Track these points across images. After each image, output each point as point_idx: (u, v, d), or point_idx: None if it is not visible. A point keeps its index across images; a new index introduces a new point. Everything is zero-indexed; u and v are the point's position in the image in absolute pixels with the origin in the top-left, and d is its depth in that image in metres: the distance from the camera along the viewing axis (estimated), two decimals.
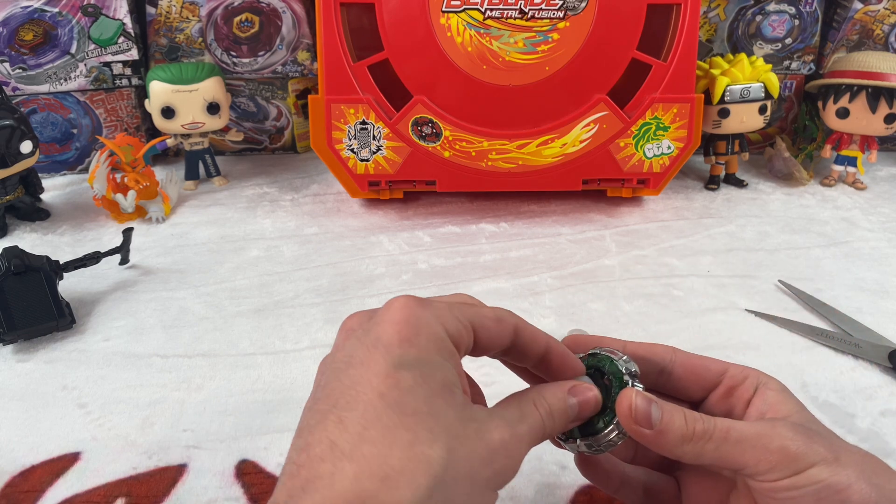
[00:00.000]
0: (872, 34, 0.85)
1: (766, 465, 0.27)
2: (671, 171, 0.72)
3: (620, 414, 0.29)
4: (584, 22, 0.65)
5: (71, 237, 0.70)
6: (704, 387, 0.32)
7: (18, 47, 0.79)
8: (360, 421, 0.24)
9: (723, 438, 0.28)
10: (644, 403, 0.28)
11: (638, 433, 0.29)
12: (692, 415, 0.28)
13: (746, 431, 0.28)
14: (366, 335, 0.27)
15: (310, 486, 0.23)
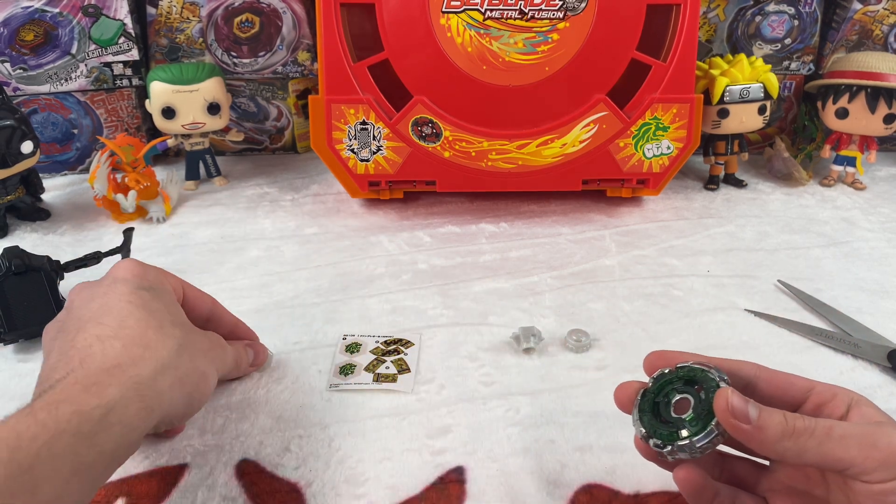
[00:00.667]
0: (872, 34, 0.85)
1: (874, 462, 0.26)
2: (671, 171, 0.72)
3: (718, 410, 0.29)
4: (583, 22, 0.65)
5: (72, 237, 0.70)
6: (791, 402, 0.32)
7: (19, 47, 0.79)
8: (117, 318, 0.35)
9: (825, 435, 0.27)
10: (741, 399, 0.29)
11: (737, 429, 0.28)
12: (792, 414, 0.28)
13: (851, 429, 0.28)
14: (100, 284, 0.38)
15: (86, 361, 0.33)
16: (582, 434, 0.44)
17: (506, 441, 0.43)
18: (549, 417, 0.45)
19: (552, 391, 0.47)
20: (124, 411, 0.32)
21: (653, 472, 0.41)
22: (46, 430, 0.29)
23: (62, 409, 0.30)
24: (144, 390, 0.33)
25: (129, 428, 0.32)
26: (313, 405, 0.46)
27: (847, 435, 0.27)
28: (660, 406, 0.33)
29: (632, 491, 0.40)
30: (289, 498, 0.39)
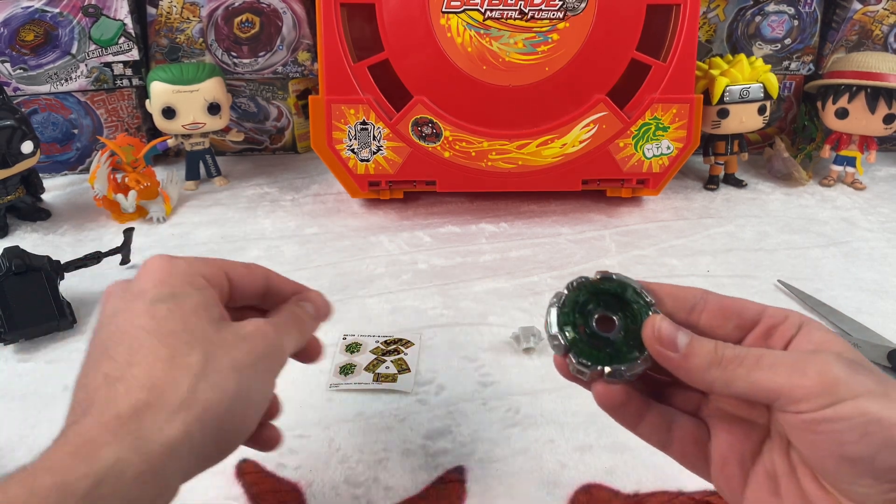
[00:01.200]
0: (871, 34, 0.85)
1: (803, 391, 0.24)
2: (670, 171, 0.72)
3: (645, 337, 0.28)
4: (583, 22, 0.65)
5: (72, 237, 0.70)
6: (740, 326, 0.29)
7: (19, 48, 0.79)
8: (127, 351, 0.28)
9: (755, 363, 0.26)
10: (670, 326, 0.28)
11: (663, 357, 0.28)
12: (723, 343, 0.27)
13: (782, 358, 0.26)
14: (125, 292, 0.31)
15: (89, 409, 0.27)
16: (581, 434, 0.44)
17: (506, 441, 0.43)
18: (549, 417, 0.45)
19: (552, 391, 0.47)
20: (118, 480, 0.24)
21: (653, 472, 0.41)
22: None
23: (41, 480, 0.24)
24: (148, 447, 0.25)
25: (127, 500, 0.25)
26: (313, 405, 0.46)
27: (777, 363, 0.26)
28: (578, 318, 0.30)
29: (631, 491, 0.40)
30: (289, 498, 0.39)
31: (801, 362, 0.25)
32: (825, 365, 0.25)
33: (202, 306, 0.29)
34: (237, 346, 0.29)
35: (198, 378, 0.27)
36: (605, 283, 0.31)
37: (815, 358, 0.25)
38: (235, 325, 0.30)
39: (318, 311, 0.36)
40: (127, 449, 0.25)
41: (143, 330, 0.28)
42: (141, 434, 0.26)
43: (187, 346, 0.28)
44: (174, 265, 0.31)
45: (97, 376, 0.28)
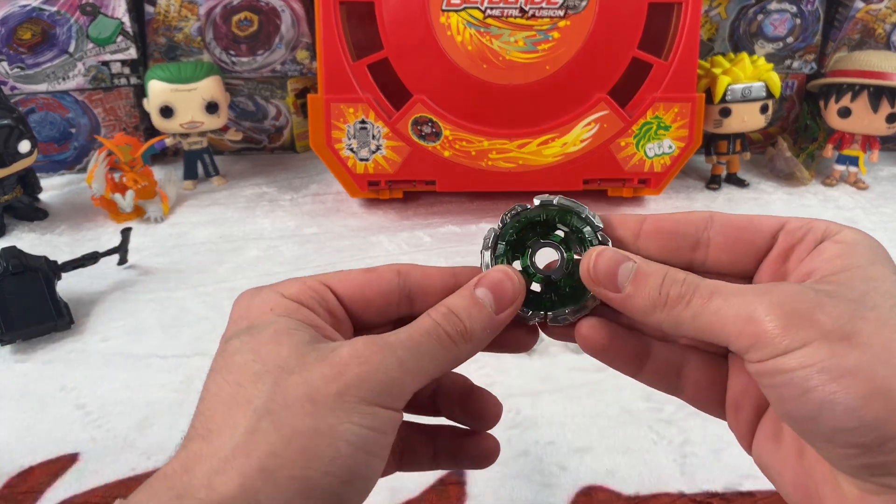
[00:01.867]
0: (874, 33, 0.84)
1: (747, 339, 0.20)
2: (672, 170, 0.72)
3: (583, 274, 0.24)
4: (584, 21, 0.65)
5: (69, 237, 0.70)
6: (753, 254, 0.24)
7: (17, 46, 0.79)
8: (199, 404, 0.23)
9: (702, 305, 0.22)
10: (608, 261, 0.23)
11: (604, 297, 0.24)
12: (674, 275, 0.23)
13: (733, 296, 0.21)
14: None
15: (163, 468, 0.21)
16: (582, 435, 0.43)
17: (506, 443, 0.43)
18: (550, 419, 0.45)
19: (552, 392, 0.47)
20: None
21: (653, 474, 0.40)
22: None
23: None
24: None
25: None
26: None
27: (724, 306, 0.21)
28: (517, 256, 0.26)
29: (632, 493, 0.39)
30: None
31: (749, 303, 0.21)
32: (774, 305, 0.20)
33: (284, 331, 0.22)
34: (318, 373, 0.21)
35: (259, 414, 0.20)
36: (546, 212, 0.26)
37: (769, 297, 0.21)
38: (326, 349, 0.22)
39: (501, 302, 0.24)
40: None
41: (212, 373, 0.23)
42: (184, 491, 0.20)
43: (255, 376, 0.21)
44: (255, 295, 0.25)
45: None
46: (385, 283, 0.25)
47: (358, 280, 0.25)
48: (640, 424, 0.44)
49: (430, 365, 0.23)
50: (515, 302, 0.24)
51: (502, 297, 0.24)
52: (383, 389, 0.21)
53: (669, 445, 0.43)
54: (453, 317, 0.23)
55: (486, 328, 0.24)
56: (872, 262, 0.22)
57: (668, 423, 0.44)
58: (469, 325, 0.23)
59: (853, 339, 0.19)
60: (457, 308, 0.24)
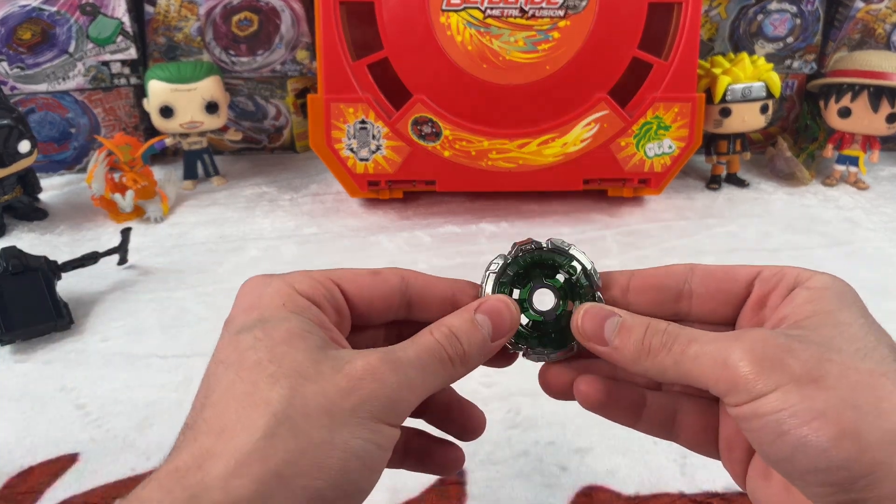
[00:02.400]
0: (874, 33, 0.84)
1: (726, 384, 0.22)
2: (672, 170, 0.72)
3: (573, 329, 0.26)
4: (584, 20, 0.65)
5: (69, 237, 0.70)
6: (733, 301, 0.26)
7: (16, 46, 0.79)
8: (205, 393, 0.23)
9: (681, 353, 0.23)
10: (593, 321, 0.25)
11: (593, 350, 0.25)
12: (656, 326, 0.24)
13: (709, 345, 0.23)
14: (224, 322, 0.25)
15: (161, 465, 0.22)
16: (582, 436, 0.43)
17: (506, 443, 0.43)
18: (550, 419, 0.45)
19: None
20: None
21: (654, 474, 0.40)
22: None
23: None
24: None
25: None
26: None
27: (702, 353, 0.23)
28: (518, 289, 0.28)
29: (632, 493, 0.39)
30: None
31: (724, 350, 0.22)
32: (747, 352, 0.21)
33: (298, 332, 0.23)
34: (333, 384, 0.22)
35: (278, 420, 0.21)
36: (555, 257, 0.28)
37: (741, 343, 0.22)
38: (341, 355, 0.23)
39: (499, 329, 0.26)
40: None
41: (222, 365, 0.23)
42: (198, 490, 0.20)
43: (270, 378, 0.22)
44: (267, 285, 0.25)
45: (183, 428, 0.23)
46: (388, 286, 0.26)
47: (364, 281, 0.26)
48: None
49: (431, 383, 0.24)
50: (509, 333, 0.26)
51: (499, 326, 0.26)
52: (392, 407, 0.22)
53: (669, 446, 0.42)
54: (454, 339, 0.25)
55: (481, 353, 0.25)
56: (840, 307, 0.23)
57: None
58: (468, 349, 0.25)
59: (821, 382, 0.20)
60: (458, 330, 0.25)
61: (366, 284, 0.26)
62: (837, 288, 0.24)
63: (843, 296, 0.24)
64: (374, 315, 0.26)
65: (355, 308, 0.26)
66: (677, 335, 0.24)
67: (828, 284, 0.24)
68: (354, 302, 0.26)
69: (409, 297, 0.27)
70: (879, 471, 0.19)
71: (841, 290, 0.24)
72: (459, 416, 0.29)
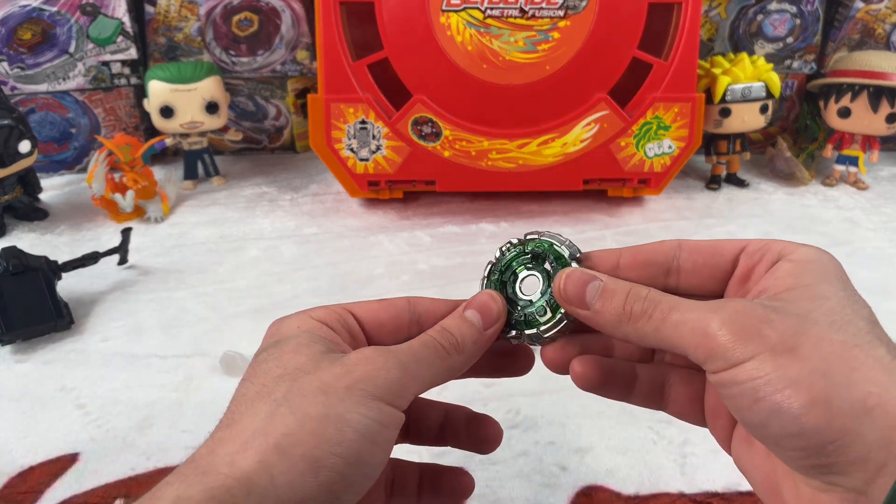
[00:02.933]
0: (874, 33, 0.84)
1: (705, 352, 0.22)
2: (672, 170, 0.72)
3: (555, 295, 0.26)
4: (584, 21, 0.65)
5: (69, 237, 0.70)
6: (719, 275, 0.26)
7: (17, 46, 0.79)
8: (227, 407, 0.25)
9: (661, 320, 0.24)
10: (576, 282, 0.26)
11: (576, 314, 0.26)
12: (637, 292, 0.25)
13: (689, 312, 0.23)
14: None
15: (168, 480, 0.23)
16: (582, 435, 0.43)
17: (506, 443, 0.43)
18: (550, 419, 0.45)
19: (552, 392, 0.47)
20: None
21: (653, 474, 0.40)
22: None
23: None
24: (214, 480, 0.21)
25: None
26: None
27: (682, 321, 0.23)
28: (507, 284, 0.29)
29: (632, 493, 0.39)
30: None
31: (704, 318, 0.23)
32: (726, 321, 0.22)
33: (305, 343, 0.26)
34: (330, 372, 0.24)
35: (278, 403, 0.23)
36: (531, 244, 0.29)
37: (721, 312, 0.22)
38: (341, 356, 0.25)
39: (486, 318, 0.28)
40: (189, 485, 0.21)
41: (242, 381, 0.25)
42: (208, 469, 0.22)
43: (276, 378, 0.24)
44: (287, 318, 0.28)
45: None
46: (396, 309, 0.29)
47: (374, 306, 0.29)
48: (640, 424, 0.44)
49: (427, 372, 0.26)
50: (499, 320, 0.28)
51: (488, 316, 0.28)
52: (386, 387, 0.24)
53: (669, 445, 0.43)
54: (447, 332, 0.27)
55: (476, 342, 0.27)
56: (820, 280, 0.24)
57: (668, 423, 0.44)
58: (460, 339, 0.27)
59: (795, 352, 0.21)
60: (449, 326, 0.27)
61: (375, 308, 0.28)
62: (821, 261, 0.24)
63: (824, 269, 0.24)
64: (385, 336, 0.28)
65: (368, 330, 0.28)
66: (658, 302, 0.24)
67: (811, 257, 0.24)
68: (366, 324, 0.28)
69: (418, 316, 0.29)
70: (847, 437, 0.20)
71: (823, 263, 0.24)
72: (476, 429, 0.30)
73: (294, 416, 0.22)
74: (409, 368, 0.25)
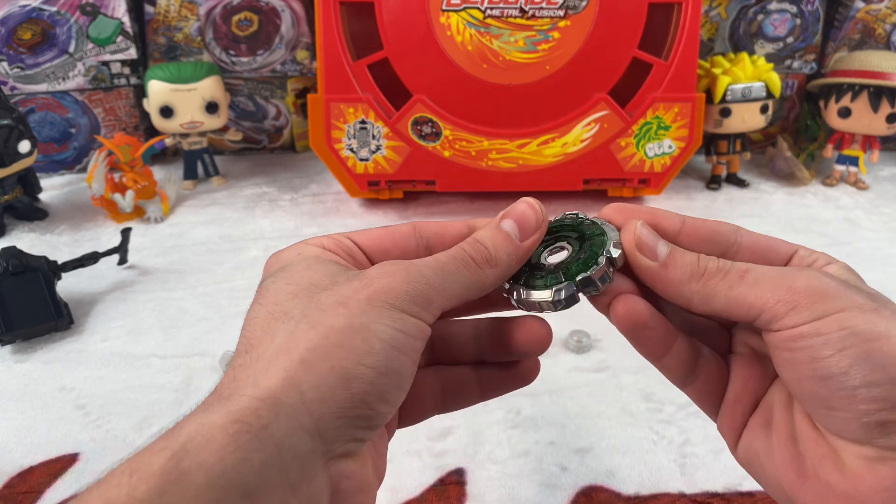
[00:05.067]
0: (874, 33, 0.84)
1: (786, 306, 0.23)
2: (672, 170, 0.72)
3: (624, 242, 0.25)
4: (584, 21, 0.65)
5: (69, 237, 0.70)
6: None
7: (17, 46, 0.79)
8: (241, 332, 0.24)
9: (739, 277, 0.24)
10: (650, 233, 0.25)
11: (641, 266, 0.25)
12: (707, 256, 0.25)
13: (769, 272, 0.24)
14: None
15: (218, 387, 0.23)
16: (582, 436, 0.43)
17: (506, 443, 0.43)
18: (550, 419, 0.45)
19: (553, 392, 0.47)
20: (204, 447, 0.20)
21: (653, 474, 0.40)
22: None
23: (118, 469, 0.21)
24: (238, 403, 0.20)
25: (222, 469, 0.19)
26: None
27: (762, 278, 0.24)
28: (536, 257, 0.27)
29: (632, 493, 0.39)
30: None
31: (787, 277, 0.23)
32: (812, 279, 0.23)
33: (314, 262, 0.25)
34: (349, 285, 0.23)
35: (296, 321, 0.22)
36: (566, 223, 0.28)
37: (804, 272, 0.24)
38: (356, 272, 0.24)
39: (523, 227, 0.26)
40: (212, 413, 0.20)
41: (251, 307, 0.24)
42: (231, 394, 0.21)
43: (290, 295, 0.23)
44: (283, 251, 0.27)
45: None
46: (401, 235, 0.27)
47: (376, 233, 0.27)
48: (640, 424, 0.44)
49: (455, 285, 0.24)
50: (539, 229, 0.26)
51: (526, 226, 0.26)
52: (409, 298, 0.23)
53: (669, 445, 0.43)
54: (478, 244, 0.25)
55: (511, 254, 0.26)
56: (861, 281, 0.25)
57: (668, 423, 0.44)
58: (493, 252, 0.25)
59: (880, 312, 0.22)
60: (482, 237, 0.26)
61: (377, 236, 0.27)
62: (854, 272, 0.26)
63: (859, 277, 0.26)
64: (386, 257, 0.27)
65: (372, 258, 0.27)
66: (732, 263, 0.25)
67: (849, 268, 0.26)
68: (370, 252, 0.27)
69: (426, 241, 0.27)
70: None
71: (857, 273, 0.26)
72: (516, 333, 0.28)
73: (316, 330, 0.22)
74: (433, 281, 0.24)
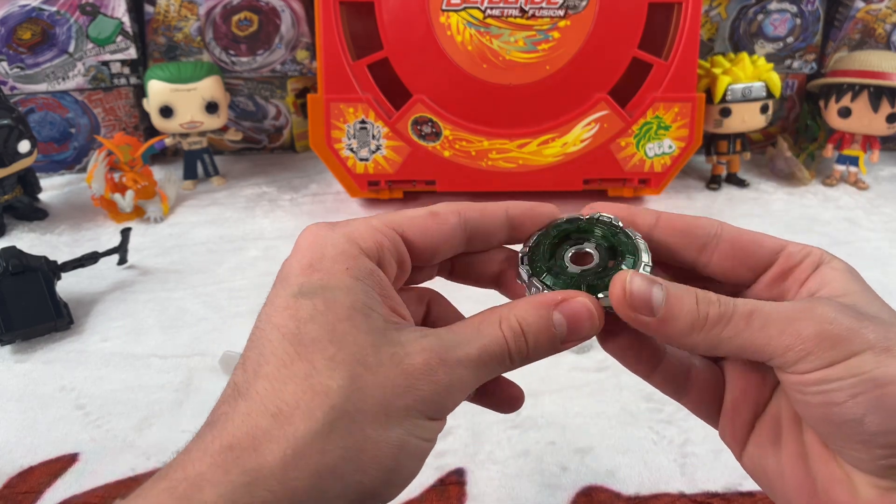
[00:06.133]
0: (874, 33, 0.84)
1: (798, 353, 0.22)
2: (672, 170, 0.72)
3: (614, 299, 0.23)
4: (584, 20, 0.65)
5: (69, 237, 0.70)
6: (754, 267, 0.26)
7: (16, 46, 0.79)
8: (258, 359, 0.22)
9: (744, 323, 0.23)
10: (643, 285, 0.23)
11: (637, 322, 0.23)
12: (706, 296, 0.23)
13: (775, 313, 0.22)
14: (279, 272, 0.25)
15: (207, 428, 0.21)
16: (583, 436, 0.43)
17: (506, 443, 0.43)
18: (550, 419, 0.45)
19: (553, 392, 0.47)
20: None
21: (653, 474, 0.40)
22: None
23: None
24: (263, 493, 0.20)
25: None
26: None
27: (769, 322, 0.22)
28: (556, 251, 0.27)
29: (632, 493, 0.39)
30: None
31: (795, 320, 0.22)
32: (821, 322, 0.22)
33: (360, 308, 0.22)
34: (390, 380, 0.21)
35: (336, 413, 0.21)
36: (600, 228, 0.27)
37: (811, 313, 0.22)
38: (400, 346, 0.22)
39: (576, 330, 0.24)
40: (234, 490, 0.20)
41: (278, 332, 0.22)
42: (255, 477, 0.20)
43: (331, 362, 0.21)
44: (327, 239, 0.24)
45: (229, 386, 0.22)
46: (448, 227, 0.26)
47: (425, 224, 0.25)
48: (640, 424, 0.44)
49: (484, 379, 0.24)
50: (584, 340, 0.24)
51: (576, 331, 0.24)
52: (443, 405, 0.23)
53: (669, 445, 0.43)
54: (521, 338, 0.24)
55: (546, 354, 0.24)
56: (862, 288, 0.24)
57: (668, 423, 0.44)
58: (532, 351, 0.24)
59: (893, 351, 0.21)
60: (528, 328, 0.24)
61: (427, 229, 0.25)
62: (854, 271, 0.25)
63: (859, 278, 0.25)
64: (435, 257, 0.26)
65: (417, 255, 0.26)
66: (734, 305, 0.23)
67: (847, 268, 0.25)
68: (417, 249, 0.25)
69: (468, 232, 0.26)
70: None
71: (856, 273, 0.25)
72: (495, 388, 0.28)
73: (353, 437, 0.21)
74: (468, 382, 0.23)
